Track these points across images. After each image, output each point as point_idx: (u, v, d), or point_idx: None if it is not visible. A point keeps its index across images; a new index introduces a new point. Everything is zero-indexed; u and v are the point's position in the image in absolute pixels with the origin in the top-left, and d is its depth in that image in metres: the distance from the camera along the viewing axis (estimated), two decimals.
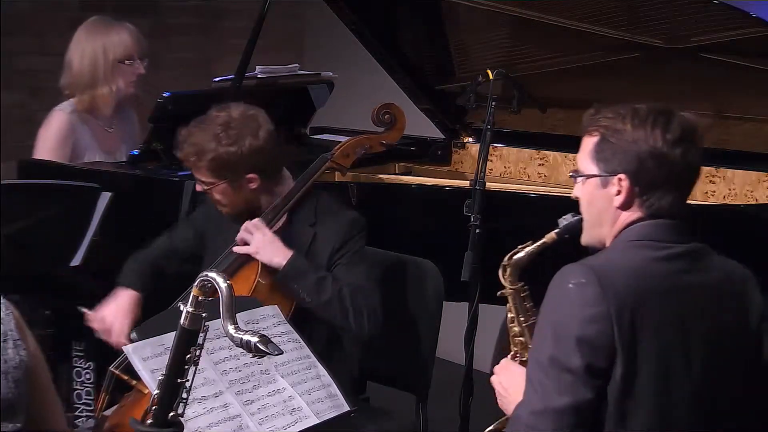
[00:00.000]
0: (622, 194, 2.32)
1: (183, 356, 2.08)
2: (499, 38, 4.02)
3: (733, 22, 3.40)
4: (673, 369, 2.24)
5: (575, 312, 2.21)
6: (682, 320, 2.26)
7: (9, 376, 2.02)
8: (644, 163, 2.29)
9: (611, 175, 2.32)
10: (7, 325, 2.05)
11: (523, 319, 2.57)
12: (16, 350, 2.05)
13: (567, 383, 2.19)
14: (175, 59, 5.55)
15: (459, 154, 4.38)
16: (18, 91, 5.40)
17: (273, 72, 4.14)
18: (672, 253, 2.30)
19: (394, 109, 3.53)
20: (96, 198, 3.34)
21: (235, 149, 3.05)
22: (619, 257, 2.30)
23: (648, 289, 2.24)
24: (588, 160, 2.37)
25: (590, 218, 2.40)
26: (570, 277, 2.24)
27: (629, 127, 2.30)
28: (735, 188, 3.78)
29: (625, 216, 2.33)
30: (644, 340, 2.21)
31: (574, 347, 2.19)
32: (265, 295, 3.01)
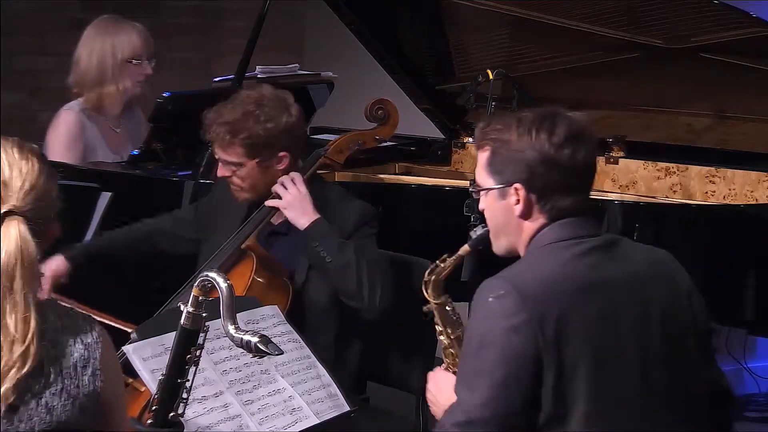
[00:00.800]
0: (520, 203, 2.32)
1: (183, 356, 2.08)
2: (499, 38, 4.03)
3: (733, 22, 3.40)
4: (608, 364, 2.24)
5: (497, 324, 2.21)
6: (608, 314, 2.26)
7: (77, 402, 2.00)
8: (535, 169, 2.29)
9: (507, 186, 2.33)
10: (92, 353, 2.03)
11: (450, 331, 2.60)
12: (93, 379, 2.02)
13: (491, 395, 2.19)
14: (175, 59, 5.56)
15: (459, 154, 4.38)
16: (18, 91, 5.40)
17: (273, 72, 4.14)
18: (584, 248, 2.30)
19: (387, 104, 3.53)
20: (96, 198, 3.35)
21: (272, 126, 3.07)
22: (534, 264, 2.31)
23: (568, 290, 2.24)
24: (484, 173, 2.38)
25: (495, 229, 2.41)
26: (489, 291, 2.25)
27: (515, 136, 2.31)
28: (735, 188, 3.78)
29: (529, 225, 2.34)
30: (574, 342, 2.20)
31: (498, 359, 2.19)
32: (261, 292, 3.00)
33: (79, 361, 2.01)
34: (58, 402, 1.99)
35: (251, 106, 3.08)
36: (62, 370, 1.99)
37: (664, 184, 3.90)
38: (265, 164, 3.11)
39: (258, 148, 3.08)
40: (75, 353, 2.01)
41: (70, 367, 2.00)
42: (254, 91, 3.14)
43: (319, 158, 3.33)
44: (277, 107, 3.10)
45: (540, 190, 2.31)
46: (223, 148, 3.11)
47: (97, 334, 2.06)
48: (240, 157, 3.10)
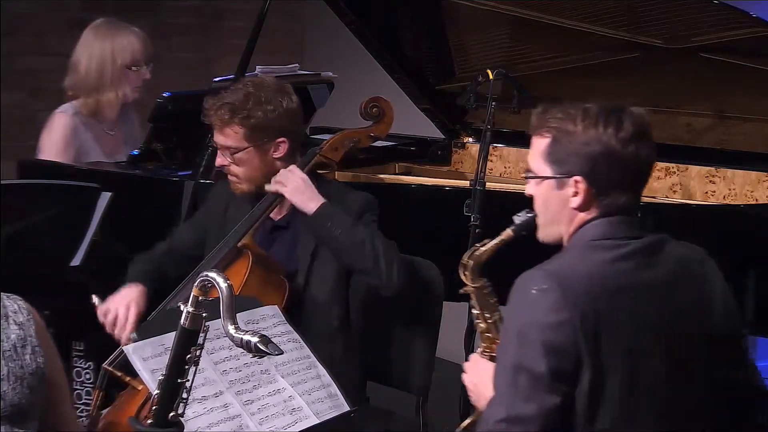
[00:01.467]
0: (579, 196, 2.31)
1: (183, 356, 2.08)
2: (499, 38, 4.03)
3: (733, 22, 3.40)
4: (640, 369, 2.24)
5: (539, 318, 2.20)
6: (644, 318, 2.26)
7: (24, 381, 2.02)
8: (599, 164, 2.28)
9: (567, 177, 2.31)
10: (27, 331, 2.05)
11: (488, 315, 2.57)
12: (34, 356, 2.04)
13: (533, 390, 2.19)
14: (175, 59, 5.56)
15: (459, 154, 4.38)
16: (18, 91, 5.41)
17: (273, 72, 4.13)
18: (629, 251, 2.29)
19: (381, 102, 3.53)
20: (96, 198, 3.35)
21: (272, 108, 3.08)
22: (578, 261, 2.29)
23: (608, 292, 2.24)
24: (541, 161, 2.35)
25: (546, 218, 2.39)
26: (531, 283, 2.24)
27: (580, 128, 2.29)
28: (735, 188, 3.78)
29: (582, 216, 2.33)
30: (609, 343, 2.21)
31: (540, 353, 2.18)
32: (256, 289, 3.00)
33: (17, 341, 2.04)
34: (7, 386, 2.01)
35: (251, 88, 3.10)
36: (3, 354, 2.01)
37: (664, 184, 3.90)
38: (264, 149, 3.11)
39: (256, 131, 3.09)
40: (11, 335, 2.03)
41: (10, 349, 2.02)
42: (254, 78, 3.20)
43: (314, 156, 3.33)
44: (278, 92, 3.12)
45: (600, 185, 2.29)
46: (222, 130, 3.11)
47: (27, 311, 2.08)
48: (238, 140, 3.10)
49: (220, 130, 3.12)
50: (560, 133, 2.31)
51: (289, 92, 3.14)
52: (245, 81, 3.17)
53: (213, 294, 2.06)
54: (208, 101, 3.13)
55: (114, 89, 3.96)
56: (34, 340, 2.05)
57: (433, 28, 4.17)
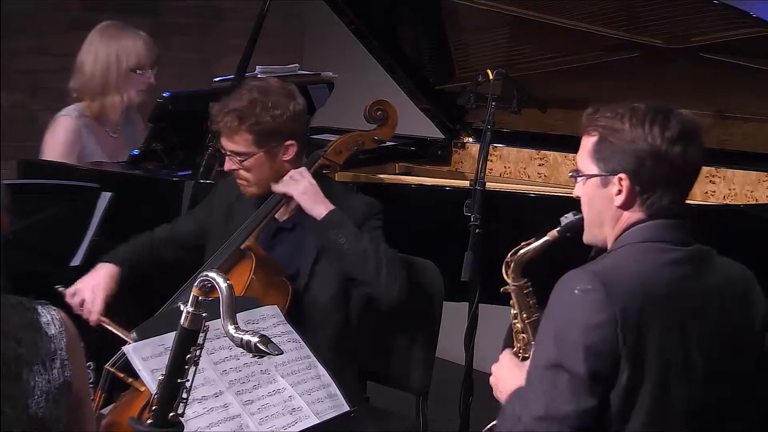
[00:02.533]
0: (622, 194, 2.31)
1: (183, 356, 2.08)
2: (499, 38, 4.02)
3: (733, 22, 3.40)
4: (673, 375, 2.24)
5: (581, 319, 2.20)
6: (683, 326, 2.26)
7: (50, 396, 2.00)
8: (644, 162, 2.28)
9: (611, 175, 2.32)
10: (58, 344, 2.03)
11: (525, 315, 2.56)
12: (62, 370, 2.02)
13: (571, 390, 2.18)
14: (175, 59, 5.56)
15: (459, 154, 4.38)
16: (18, 91, 5.40)
17: (273, 72, 4.14)
18: (676, 257, 2.29)
19: (386, 105, 3.53)
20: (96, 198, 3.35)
21: (279, 113, 3.09)
22: (624, 262, 2.29)
23: (652, 295, 2.23)
24: (588, 160, 2.36)
25: (591, 218, 2.39)
26: (575, 283, 2.23)
27: (627, 127, 2.30)
28: (735, 188, 3.78)
29: (627, 216, 2.33)
30: (648, 348, 2.21)
31: (580, 354, 2.18)
32: (259, 291, 3.01)
33: (47, 356, 2.01)
34: (32, 401, 1.99)
35: (257, 94, 3.10)
36: (32, 368, 1.99)
37: None
38: (273, 153, 3.12)
39: (265, 136, 3.10)
40: (42, 349, 2.01)
41: (39, 364, 2.00)
42: (260, 82, 3.18)
43: (318, 159, 3.33)
44: (284, 95, 3.12)
45: (644, 184, 2.30)
46: (231, 137, 3.12)
47: (60, 322, 2.05)
48: (248, 146, 3.10)
49: (228, 137, 3.13)
50: (607, 131, 2.32)
51: (294, 95, 3.15)
52: (251, 86, 3.16)
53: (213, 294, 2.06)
54: (214, 107, 3.13)
55: (119, 92, 3.97)
56: (63, 354, 2.03)
57: (433, 28, 4.16)
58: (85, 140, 3.98)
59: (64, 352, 2.04)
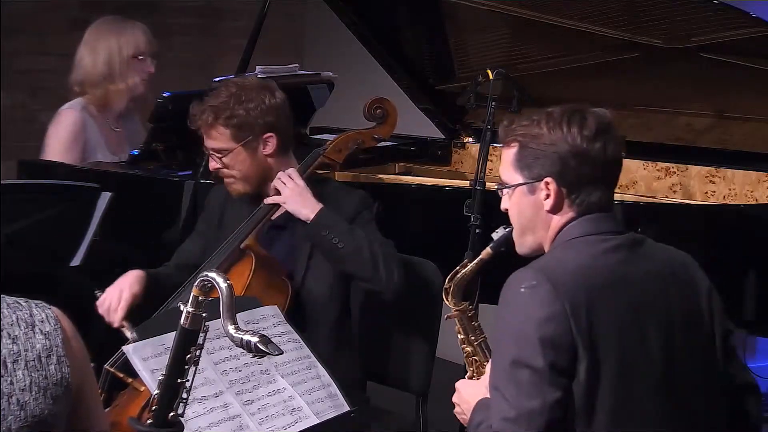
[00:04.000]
0: (551, 197, 2.33)
1: (183, 356, 2.08)
2: (499, 38, 4.03)
3: (733, 22, 3.40)
4: (634, 360, 2.25)
5: (531, 314, 2.21)
6: (635, 310, 2.27)
7: (48, 392, 2.00)
8: (567, 162, 2.30)
9: (537, 181, 2.33)
10: (53, 341, 2.03)
11: (473, 338, 2.59)
12: (59, 366, 2.02)
13: (535, 385, 2.19)
14: (175, 59, 5.56)
15: (459, 154, 4.38)
16: (18, 91, 5.40)
17: (273, 72, 4.13)
18: (614, 244, 2.31)
19: (386, 103, 3.53)
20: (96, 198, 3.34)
21: (254, 105, 3.10)
22: (564, 256, 2.31)
23: (598, 284, 2.25)
24: (511, 170, 2.38)
25: (521, 226, 2.41)
26: (520, 282, 2.25)
27: (545, 131, 2.32)
28: (735, 188, 3.78)
29: (558, 219, 2.34)
30: (602, 334, 2.22)
31: (537, 348, 2.19)
32: (259, 291, 3.00)
33: (42, 351, 2.01)
34: (29, 397, 1.99)
35: (233, 88, 3.13)
36: (27, 364, 1.99)
37: (664, 184, 3.90)
38: (252, 147, 3.13)
39: (242, 130, 3.10)
40: (37, 344, 2.01)
41: (34, 359, 2.00)
42: (237, 79, 3.22)
43: (318, 157, 3.33)
44: (260, 90, 3.14)
45: (571, 184, 2.31)
46: (209, 133, 3.14)
47: (54, 320, 2.06)
48: (225, 141, 3.12)
49: (207, 134, 3.15)
50: (526, 138, 2.34)
51: (271, 89, 3.16)
52: (227, 82, 3.19)
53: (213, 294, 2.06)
54: (194, 107, 3.15)
55: (123, 80, 4.00)
56: (60, 350, 2.03)
57: (433, 28, 4.17)
58: (89, 133, 3.99)
59: (60, 348, 2.04)
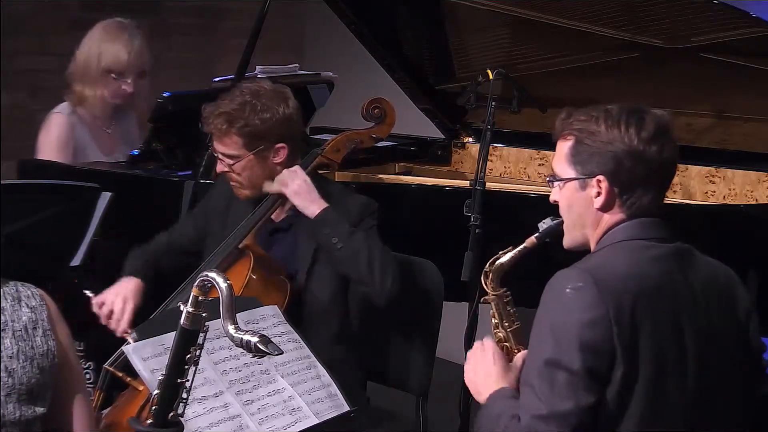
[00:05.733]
0: (602, 195, 2.32)
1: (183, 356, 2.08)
2: (499, 38, 4.02)
3: (733, 22, 3.40)
4: (669, 370, 2.24)
5: (575, 316, 2.20)
6: (675, 320, 2.27)
7: (35, 362, 2.11)
8: (621, 162, 2.29)
9: (590, 177, 2.32)
10: (39, 315, 2.14)
11: (507, 324, 2.57)
12: (45, 339, 2.14)
13: (570, 387, 2.18)
14: (175, 59, 5.56)
15: (459, 154, 4.38)
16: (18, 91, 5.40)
17: (273, 72, 4.14)
18: (661, 252, 2.31)
19: (383, 103, 3.53)
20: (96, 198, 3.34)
21: (269, 116, 3.08)
22: (611, 259, 2.30)
23: (643, 290, 2.24)
24: (564, 163, 2.37)
25: (571, 221, 2.40)
26: (566, 282, 2.24)
27: (603, 128, 2.30)
28: (735, 188, 3.78)
29: (608, 218, 2.34)
30: (642, 342, 2.21)
31: (576, 351, 2.18)
32: (257, 290, 3.01)
33: (29, 323, 2.13)
34: (17, 365, 2.09)
35: (248, 96, 3.10)
36: (14, 334, 2.10)
37: None
38: (263, 156, 3.12)
39: (255, 139, 3.09)
40: (23, 317, 2.13)
41: (21, 330, 2.11)
42: (253, 84, 3.17)
43: (316, 157, 3.33)
44: (275, 98, 3.12)
45: (623, 184, 2.30)
46: (221, 139, 3.12)
47: (39, 297, 2.17)
48: (238, 148, 3.11)
49: (218, 140, 3.14)
50: (583, 134, 2.33)
51: (286, 97, 3.14)
52: (242, 88, 3.15)
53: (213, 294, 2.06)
54: (206, 109, 3.14)
55: (93, 88, 3.97)
56: (45, 324, 2.14)
57: (433, 28, 4.16)
58: (78, 135, 3.99)
59: (45, 322, 2.15)
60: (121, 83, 3.98)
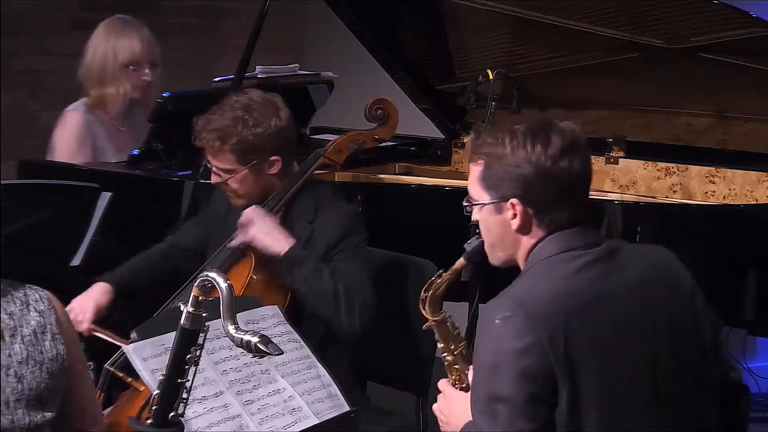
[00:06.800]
0: (517, 218, 2.30)
1: (183, 356, 2.08)
2: (499, 38, 4.03)
3: (733, 22, 3.40)
4: (618, 375, 2.22)
5: (507, 346, 2.18)
6: (616, 327, 2.24)
7: (44, 366, 2.09)
8: (532, 183, 2.26)
9: (503, 201, 2.31)
10: (47, 319, 2.12)
11: (453, 347, 2.54)
12: (54, 343, 2.12)
13: (511, 418, 2.16)
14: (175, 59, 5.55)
15: (459, 154, 4.38)
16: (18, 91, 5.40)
17: (273, 72, 4.14)
18: (585, 261, 2.27)
19: (386, 104, 3.54)
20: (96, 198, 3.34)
21: (261, 130, 3.06)
22: (539, 280, 2.27)
23: (574, 307, 2.21)
24: (478, 187, 2.35)
25: (491, 242, 2.39)
26: (495, 312, 2.22)
27: (509, 150, 2.28)
28: (735, 188, 3.78)
29: (527, 239, 2.32)
30: (582, 359, 2.18)
31: (514, 381, 2.17)
32: (258, 291, 3.01)
33: (37, 327, 2.10)
34: (26, 370, 2.07)
35: (240, 111, 3.08)
36: (23, 339, 2.07)
37: (664, 184, 3.90)
38: (258, 169, 3.12)
39: (249, 154, 3.08)
40: (32, 321, 2.10)
41: (30, 334, 2.09)
42: (243, 97, 3.13)
43: (318, 158, 3.33)
44: (266, 111, 3.09)
45: (537, 204, 2.28)
46: (214, 155, 3.12)
47: (47, 300, 2.14)
48: (231, 163, 3.10)
49: (212, 155, 3.13)
50: (491, 158, 2.31)
51: (277, 108, 3.11)
52: (232, 103, 3.11)
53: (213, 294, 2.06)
54: (198, 123, 3.12)
55: (114, 85, 4.01)
56: (54, 328, 2.13)
57: (433, 28, 4.16)
58: (95, 133, 4.01)
59: (54, 326, 2.12)
60: (141, 74, 4.03)
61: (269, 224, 3.08)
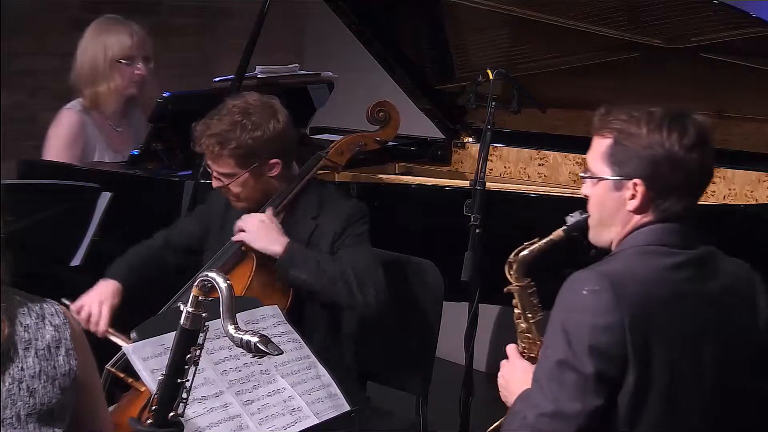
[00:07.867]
0: (636, 199, 2.29)
1: (183, 356, 2.08)
2: (499, 38, 4.03)
3: (733, 22, 3.40)
4: (684, 379, 2.23)
5: (588, 320, 2.19)
6: (692, 329, 2.25)
7: (56, 382, 2.05)
8: (660, 168, 2.26)
9: (626, 179, 2.29)
10: (62, 334, 2.09)
11: (530, 315, 2.55)
12: (68, 358, 2.08)
13: (578, 389, 2.18)
14: (175, 59, 5.55)
15: (459, 154, 4.38)
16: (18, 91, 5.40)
17: (273, 72, 4.14)
18: (682, 260, 2.28)
19: (388, 106, 3.54)
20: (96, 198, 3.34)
21: (260, 134, 3.06)
22: (633, 264, 2.27)
23: (660, 298, 2.22)
24: (600, 162, 2.33)
25: (600, 218, 2.37)
26: (584, 283, 2.22)
27: (645, 131, 2.27)
28: (735, 188, 3.78)
29: (637, 219, 2.31)
30: (656, 350, 2.20)
31: (587, 354, 2.17)
32: (260, 292, 3.01)
33: (52, 342, 2.07)
34: (38, 384, 2.04)
35: (238, 116, 3.07)
36: (37, 353, 2.05)
37: None
38: (258, 173, 3.12)
39: (248, 158, 3.08)
40: (47, 335, 2.07)
41: (44, 348, 2.06)
42: (240, 100, 3.13)
43: (320, 160, 3.34)
44: (264, 115, 3.09)
45: (659, 189, 2.28)
46: (214, 160, 3.12)
47: (63, 315, 2.12)
48: (231, 168, 3.10)
49: (212, 160, 3.13)
50: (623, 135, 2.30)
51: (275, 110, 3.11)
52: (230, 107, 3.11)
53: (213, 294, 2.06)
54: (197, 129, 3.12)
55: (106, 82, 3.98)
56: (68, 343, 2.09)
57: (433, 28, 4.17)
58: (89, 133, 3.99)
59: (69, 341, 2.09)
60: (133, 68, 4.01)
61: (265, 225, 3.08)
